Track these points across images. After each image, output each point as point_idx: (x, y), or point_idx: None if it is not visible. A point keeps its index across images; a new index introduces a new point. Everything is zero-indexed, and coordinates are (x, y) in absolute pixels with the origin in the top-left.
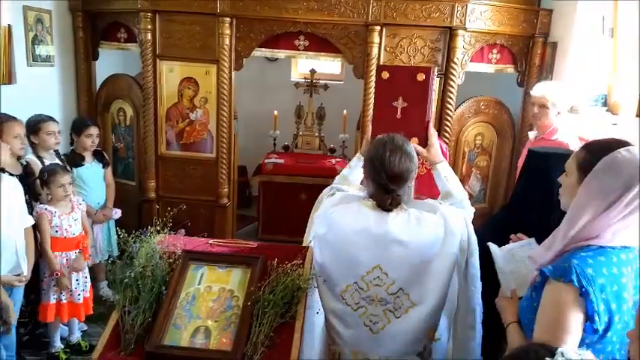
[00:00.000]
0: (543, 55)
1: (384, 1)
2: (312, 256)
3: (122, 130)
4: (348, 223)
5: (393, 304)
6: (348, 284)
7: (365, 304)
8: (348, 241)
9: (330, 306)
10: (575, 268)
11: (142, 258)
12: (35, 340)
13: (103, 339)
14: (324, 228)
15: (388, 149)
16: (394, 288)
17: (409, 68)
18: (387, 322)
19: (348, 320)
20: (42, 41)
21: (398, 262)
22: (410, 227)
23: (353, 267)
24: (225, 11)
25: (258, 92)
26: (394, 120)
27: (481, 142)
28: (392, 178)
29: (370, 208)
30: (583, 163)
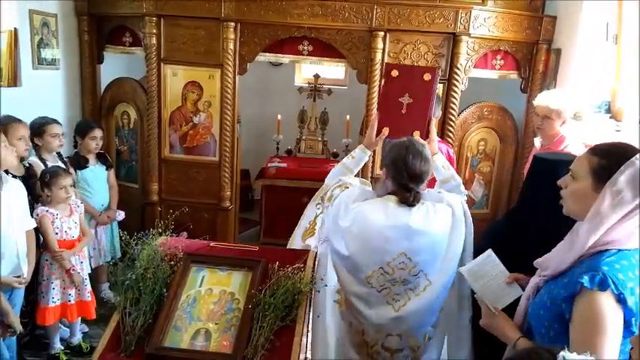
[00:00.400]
0: (547, 61)
1: (387, 7)
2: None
3: (126, 133)
4: (376, 217)
5: (413, 283)
6: (374, 270)
7: (389, 286)
8: (376, 233)
9: (353, 290)
10: (609, 276)
11: (144, 260)
12: (36, 341)
13: (104, 340)
14: (348, 221)
15: (411, 153)
16: (416, 270)
17: (417, 68)
18: (407, 300)
19: (372, 301)
20: (47, 44)
21: (420, 248)
22: (429, 219)
23: (380, 255)
24: (230, 16)
25: (262, 96)
26: (399, 114)
27: (484, 147)
28: (413, 178)
29: (395, 204)
30: (598, 168)
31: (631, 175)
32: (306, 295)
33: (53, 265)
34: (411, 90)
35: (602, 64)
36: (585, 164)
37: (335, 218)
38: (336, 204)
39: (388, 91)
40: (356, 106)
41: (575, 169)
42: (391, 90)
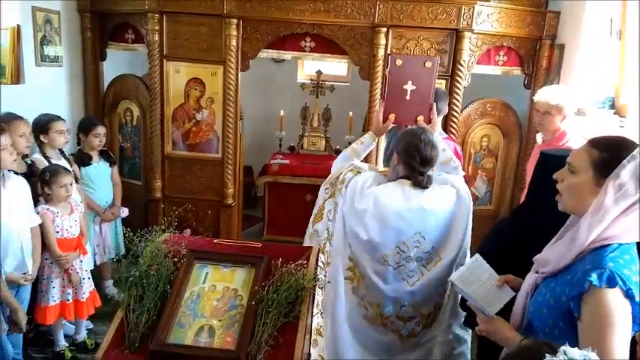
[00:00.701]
0: (550, 57)
1: (390, 3)
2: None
3: (129, 130)
4: (393, 200)
5: (426, 260)
6: (390, 249)
7: (404, 263)
8: (394, 215)
9: (371, 267)
10: (616, 272)
11: (147, 257)
12: (41, 337)
13: (108, 337)
14: (365, 204)
15: (422, 140)
16: (428, 247)
17: (419, 57)
18: (420, 276)
19: (389, 278)
20: (50, 41)
21: (433, 227)
22: (439, 200)
23: (397, 235)
24: (232, 12)
25: (265, 93)
26: (404, 101)
27: (487, 143)
28: (425, 163)
29: (410, 187)
30: (599, 162)
31: (634, 168)
32: (309, 292)
33: (53, 264)
34: (414, 78)
35: (606, 60)
36: (585, 157)
37: (351, 200)
38: (351, 186)
39: (393, 80)
40: (358, 102)
41: (574, 162)
42: (395, 78)
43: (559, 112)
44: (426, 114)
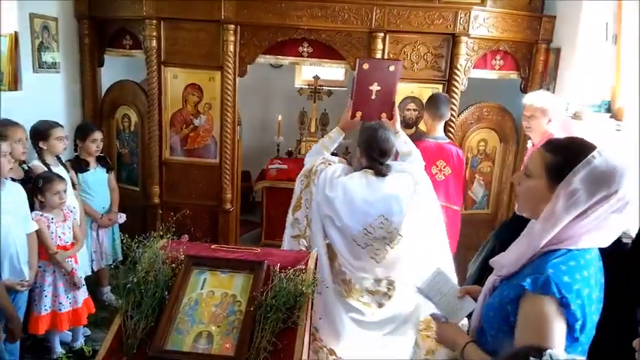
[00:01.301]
0: (546, 61)
1: (387, 8)
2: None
3: (127, 135)
4: (358, 188)
5: (389, 239)
6: (359, 230)
7: (371, 243)
8: (360, 200)
9: (343, 248)
10: (553, 278)
11: (145, 263)
12: (38, 345)
13: (106, 344)
14: (335, 192)
15: (380, 134)
16: (391, 228)
17: (383, 61)
18: (385, 253)
19: (358, 256)
20: (48, 48)
21: (393, 210)
22: (397, 185)
23: (364, 218)
24: (230, 18)
25: (262, 98)
26: (370, 100)
27: (484, 148)
28: (382, 154)
29: (372, 176)
30: (552, 166)
31: (587, 175)
32: (307, 297)
33: (46, 273)
34: (379, 79)
35: (602, 64)
36: (539, 161)
37: (323, 189)
38: (322, 177)
39: (360, 81)
40: None
41: (529, 165)
42: (362, 80)
43: (544, 115)
44: (389, 112)
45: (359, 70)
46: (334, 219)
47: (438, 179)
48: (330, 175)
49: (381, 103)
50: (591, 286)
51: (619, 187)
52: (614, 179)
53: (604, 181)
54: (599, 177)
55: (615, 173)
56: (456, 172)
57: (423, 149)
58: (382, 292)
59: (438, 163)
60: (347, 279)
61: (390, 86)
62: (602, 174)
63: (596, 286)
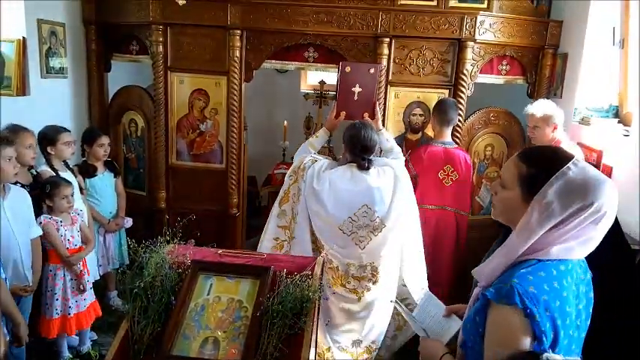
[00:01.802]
0: (553, 66)
1: (393, 14)
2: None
3: (133, 140)
4: (343, 180)
5: (372, 227)
6: (344, 219)
7: (356, 230)
8: (345, 192)
9: (329, 237)
10: (517, 288)
11: (152, 268)
12: (46, 349)
13: (113, 349)
14: (321, 185)
15: (363, 132)
16: (374, 216)
17: (364, 65)
18: (369, 240)
19: (344, 244)
20: (55, 53)
21: (376, 200)
22: (380, 178)
23: (348, 208)
24: (236, 24)
25: (268, 103)
26: (352, 100)
27: (491, 153)
28: (365, 150)
29: (356, 169)
30: (527, 178)
31: (561, 187)
32: (314, 303)
33: (57, 276)
34: (361, 82)
35: (610, 69)
36: (514, 172)
37: (311, 183)
38: (310, 172)
39: (343, 83)
40: None
41: (504, 176)
42: (345, 82)
43: (547, 124)
44: (371, 111)
45: (342, 73)
46: (321, 211)
47: (445, 184)
48: (317, 169)
49: (363, 103)
50: (565, 298)
51: (594, 199)
52: (589, 191)
53: (579, 193)
54: (573, 189)
55: (590, 185)
56: (463, 177)
57: (429, 154)
58: (367, 278)
59: (445, 168)
60: (334, 266)
61: (371, 87)
62: (577, 186)
63: (576, 298)
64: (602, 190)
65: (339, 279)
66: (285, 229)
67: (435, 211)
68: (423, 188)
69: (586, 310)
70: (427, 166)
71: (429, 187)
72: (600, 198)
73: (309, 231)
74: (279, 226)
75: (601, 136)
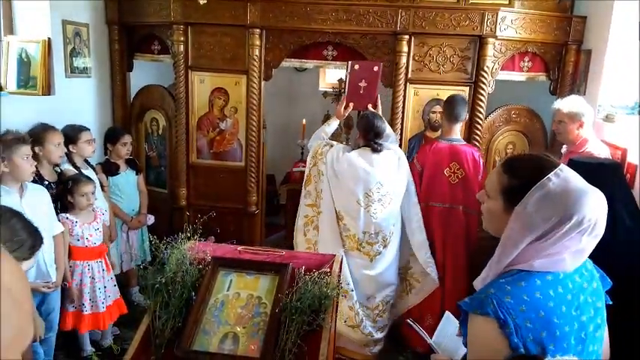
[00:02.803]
0: (577, 62)
1: (412, 10)
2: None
3: (155, 139)
4: (361, 161)
5: (383, 200)
6: (362, 194)
7: (370, 204)
8: (362, 171)
9: (349, 209)
10: (493, 298)
11: (173, 264)
12: (71, 342)
13: (135, 342)
14: (342, 166)
15: (376, 122)
16: (384, 191)
17: (370, 62)
18: (380, 211)
19: (360, 215)
20: (80, 53)
21: (387, 177)
22: (387, 159)
23: (365, 184)
24: (255, 23)
25: (287, 102)
26: (359, 94)
27: (512, 150)
28: (377, 135)
29: (370, 152)
30: (508, 189)
31: (540, 197)
32: (332, 300)
33: (74, 273)
34: (366, 77)
35: (635, 65)
36: (496, 182)
37: (331, 165)
38: (329, 156)
39: (352, 79)
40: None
41: (487, 186)
42: (354, 78)
43: (572, 121)
44: (374, 103)
45: (351, 70)
46: (342, 187)
47: (452, 181)
48: (335, 153)
49: (367, 96)
50: (552, 309)
51: (574, 211)
52: (569, 203)
53: (558, 204)
54: (554, 200)
55: (570, 197)
56: (470, 174)
57: (434, 151)
58: (379, 243)
59: (451, 165)
60: (351, 234)
61: (374, 82)
62: (556, 197)
63: (576, 309)
64: (583, 202)
65: (355, 244)
66: (312, 206)
67: (443, 209)
68: (428, 185)
69: (593, 320)
70: (432, 163)
71: (435, 185)
72: (580, 211)
73: (333, 204)
74: (307, 205)
75: (626, 133)
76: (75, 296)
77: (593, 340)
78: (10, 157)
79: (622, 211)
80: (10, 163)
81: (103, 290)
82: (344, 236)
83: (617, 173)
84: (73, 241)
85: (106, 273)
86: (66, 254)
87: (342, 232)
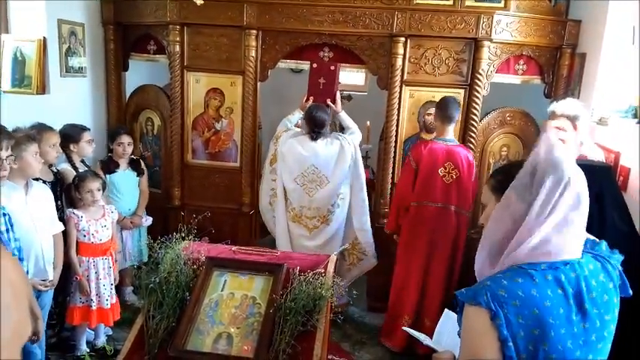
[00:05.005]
0: (571, 66)
1: (408, 13)
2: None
3: (150, 139)
4: (298, 146)
5: (319, 182)
6: (299, 174)
7: (307, 183)
8: (298, 154)
9: (290, 186)
10: (487, 290)
11: (167, 264)
12: (62, 342)
13: (128, 343)
14: (285, 148)
15: (316, 114)
16: (320, 174)
17: (327, 63)
18: (316, 191)
19: (297, 191)
20: (75, 53)
21: (321, 162)
22: (326, 147)
23: (300, 165)
24: (252, 24)
25: (282, 103)
26: (319, 89)
27: (507, 153)
28: (317, 125)
29: (309, 139)
30: (497, 185)
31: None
32: (326, 301)
33: (83, 266)
34: (325, 75)
35: (629, 69)
36: (487, 188)
37: (281, 147)
38: (281, 140)
39: (312, 77)
40: (376, 112)
41: (482, 198)
42: (314, 75)
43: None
44: (332, 98)
45: (311, 68)
46: (284, 166)
47: (446, 182)
48: (285, 138)
49: (326, 92)
50: (548, 308)
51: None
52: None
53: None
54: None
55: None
56: (464, 175)
57: (430, 150)
58: (317, 218)
59: (446, 166)
60: (292, 207)
61: (332, 80)
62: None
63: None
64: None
65: (295, 216)
66: (275, 181)
67: (436, 208)
68: (421, 184)
69: (598, 332)
70: (427, 162)
71: (429, 184)
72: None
73: (282, 182)
74: (273, 180)
75: (619, 137)
76: (85, 289)
77: (595, 350)
78: (20, 155)
79: (612, 212)
80: (20, 161)
81: (109, 287)
82: (289, 208)
83: (608, 175)
84: (80, 237)
85: (112, 271)
86: (73, 248)
87: (287, 205)
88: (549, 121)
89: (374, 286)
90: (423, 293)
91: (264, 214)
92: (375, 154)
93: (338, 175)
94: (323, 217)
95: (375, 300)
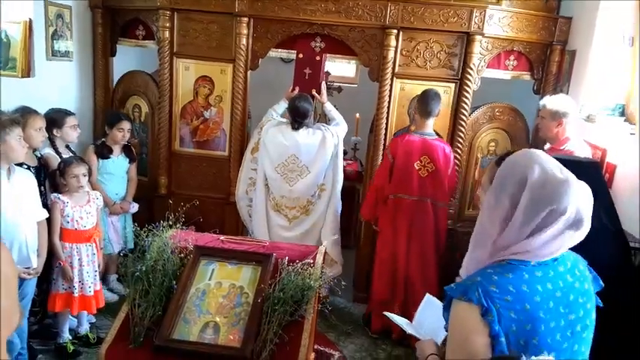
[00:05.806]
0: (561, 62)
1: (401, 5)
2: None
3: (137, 126)
4: (279, 135)
5: (299, 172)
6: (279, 163)
7: (287, 172)
8: (279, 143)
9: (271, 175)
10: (478, 286)
11: (154, 252)
12: (44, 330)
13: (113, 331)
14: (267, 137)
15: (298, 104)
16: (300, 164)
17: (314, 53)
18: (297, 181)
19: (278, 180)
20: (61, 36)
21: (302, 152)
22: (308, 137)
23: (280, 154)
24: (243, 11)
25: (272, 93)
26: (304, 79)
27: (495, 148)
28: (299, 115)
29: (290, 128)
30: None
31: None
32: (315, 291)
33: (66, 253)
34: (310, 65)
35: (618, 67)
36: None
37: (263, 136)
38: (265, 128)
39: (298, 67)
40: (366, 104)
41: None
42: (299, 66)
43: (552, 118)
44: (317, 88)
45: (297, 59)
46: (265, 154)
47: (421, 175)
48: (267, 126)
49: (311, 82)
50: (538, 304)
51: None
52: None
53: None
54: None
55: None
56: (440, 169)
57: (406, 143)
58: (296, 208)
59: (421, 159)
60: (272, 196)
61: (318, 70)
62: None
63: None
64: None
65: (276, 206)
66: (255, 170)
67: (412, 201)
68: (397, 177)
69: (582, 321)
70: (402, 155)
71: (404, 177)
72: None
73: (263, 169)
74: (252, 169)
75: (606, 134)
76: (69, 275)
77: (580, 340)
78: (4, 139)
79: (598, 209)
80: (3, 144)
81: (93, 274)
82: (270, 197)
83: (595, 171)
84: (63, 223)
85: (96, 257)
86: (57, 233)
87: (268, 194)
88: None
89: (359, 276)
90: (405, 282)
91: (238, 201)
92: (364, 147)
93: (319, 165)
94: (303, 208)
95: (360, 290)
